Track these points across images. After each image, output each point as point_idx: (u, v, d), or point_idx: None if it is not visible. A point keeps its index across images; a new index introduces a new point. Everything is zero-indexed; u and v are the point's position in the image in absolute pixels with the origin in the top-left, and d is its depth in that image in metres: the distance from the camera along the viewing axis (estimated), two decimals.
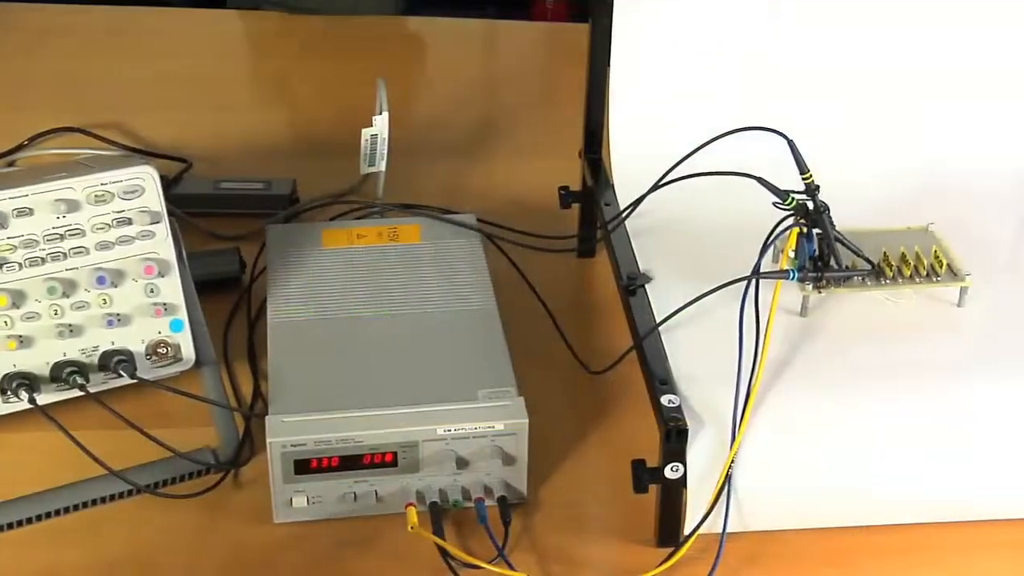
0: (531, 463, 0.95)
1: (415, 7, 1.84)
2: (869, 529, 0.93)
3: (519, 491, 0.95)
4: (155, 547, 0.93)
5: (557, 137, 1.32)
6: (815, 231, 0.96)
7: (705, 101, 1.13)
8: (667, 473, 0.89)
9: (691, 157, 1.04)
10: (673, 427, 0.87)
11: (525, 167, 1.36)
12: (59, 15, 1.62)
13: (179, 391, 0.96)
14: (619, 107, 1.12)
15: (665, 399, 0.90)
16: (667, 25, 1.12)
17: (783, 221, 0.96)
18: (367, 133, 1.20)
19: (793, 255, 0.96)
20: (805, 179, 0.96)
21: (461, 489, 0.94)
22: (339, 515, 0.94)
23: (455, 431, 0.93)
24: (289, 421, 0.92)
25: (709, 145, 1.02)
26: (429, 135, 1.42)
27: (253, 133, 1.41)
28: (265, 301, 1.08)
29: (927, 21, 1.13)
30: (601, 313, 1.15)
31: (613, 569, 0.93)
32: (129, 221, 0.95)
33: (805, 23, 1.13)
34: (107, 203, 0.95)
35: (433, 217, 1.15)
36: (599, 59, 1.12)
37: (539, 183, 1.29)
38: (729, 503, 0.89)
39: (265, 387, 1.04)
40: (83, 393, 0.94)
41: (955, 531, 0.94)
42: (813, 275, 0.97)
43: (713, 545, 0.90)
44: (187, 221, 1.20)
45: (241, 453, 1.00)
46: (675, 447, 0.88)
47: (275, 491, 0.93)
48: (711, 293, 0.95)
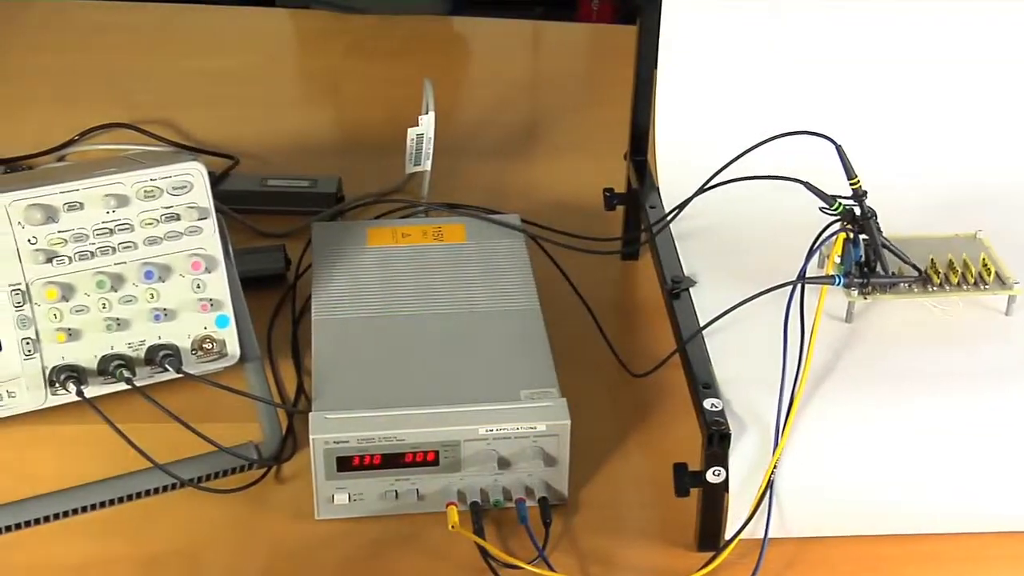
0: (572, 464, 0.95)
1: (462, 8, 1.85)
2: (912, 538, 0.93)
3: (560, 492, 0.95)
4: (197, 541, 0.94)
5: (601, 139, 1.32)
6: (862, 237, 0.96)
7: (752, 104, 1.12)
8: (709, 477, 0.88)
9: (737, 161, 1.03)
10: (716, 431, 0.87)
11: (569, 168, 1.36)
12: (112, 12, 1.63)
13: (224, 386, 0.96)
14: (666, 110, 1.12)
15: (708, 403, 0.89)
16: (715, 28, 1.11)
17: (830, 226, 0.95)
18: (413, 132, 1.20)
19: (839, 261, 0.96)
20: (853, 184, 0.95)
21: (502, 489, 0.95)
22: (380, 513, 0.95)
23: (497, 431, 0.93)
24: (332, 418, 0.93)
25: (755, 149, 1.02)
26: (474, 135, 1.43)
27: (300, 131, 1.42)
28: (309, 298, 1.08)
29: (978, 29, 1.12)
30: (644, 316, 1.15)
31: (653, 572, 0.93)
32: (177, 217, 0.96)
33: (855, 28, 1.12)
34: (156, 199, 0.95)
35: (478, 217, 1.15)
36: (646, 61, 1.12)
37: (583, 184, 1.29)
38: (771, 508, 0.88)
39: (308, 384, 1.05)
40: (129, 387, 0.95)
41: (1000, 542, 0.93)
42: (859, 281, 0.96)
43: (754, 550, 0.89)
44: (233, 218, 1.22)
45: (284, 449, 1.00)
46: (717, 451, 0.88)
47: (317, 488, 0.93)
48: (756, 297, 0.94)
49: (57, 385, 0.95)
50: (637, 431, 1.04)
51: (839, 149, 0.96)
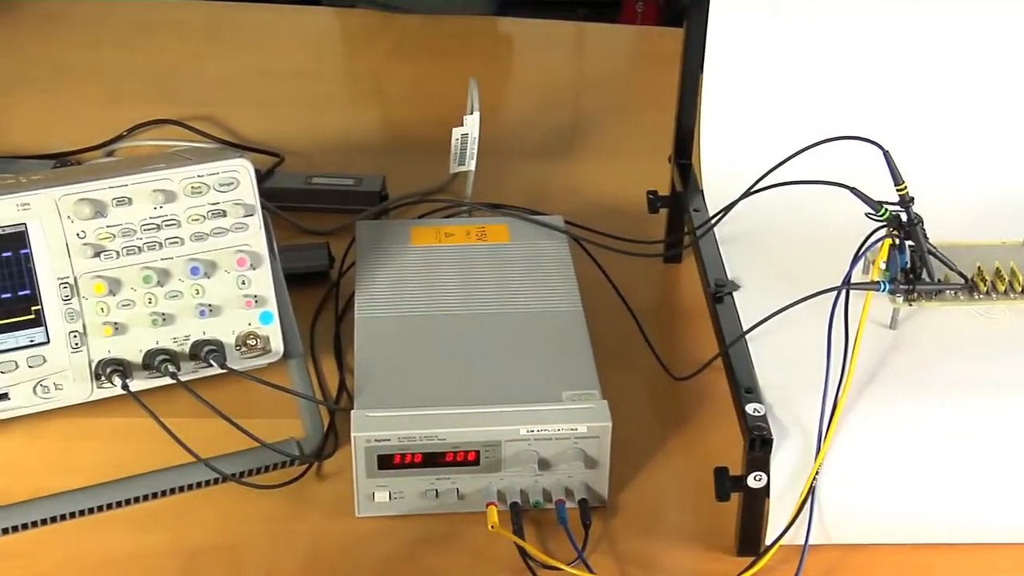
0: (612, 466, 0.95)
1: (507, 8, 1.85)
2: (953, 547, 0.92)
3: (600, 494, 0.95)
4: (238, 536, 0.95)
5: (644, 141, 1.32)
6: (908, 243, 0.95)
7: (797, 109, 1.12)
8: (750, 482, 0.88)
9: (782, 165, 1.03)
10: (758, 436, 0.87)
11: (612, 170, 1.36)
12: (160, 10, 1.65)
13: (267, 382, 0.97)
14: (711, 113, 1.12)
15: (750, 408, 0.89)
16: (761, 32, 1.11)
17: (875, 232, 0.95)
18: (458, 132, 1.20)
19: (884, 267, 0.95)
20: (900, 190, 0.95)
21: (542, 490, 0.95)
22: (420, 511, 0.95)
23: (538, 432, 0.93)
24: (374, 416, 0.93)
25: (801, 154, 1.01)
26: (518, 135, 1.43)
27: (345, 129, 1.43)
28: (352, 296, 1.09)
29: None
30: (686, 319, 1.15)
31: None
32: (223, 213, 0.97)
33: (901, 34, 1.11)
34: (203, 195, 0.96)
35: (521, 218, 1.15)
36: (692, 64, 1.12)
37: (625, 186, 1.29)
38: (812, 515, 0.88)
39: (350, 381, 1.05)
40: (174, 381, 0.96)
41: None
42: (904, 288, 0.96)
43: (794, 556, 0.89)
44: (278, 215, 1.22)
45: (325, 446, 1.01)
46: (759, 456, 0.87)
47: (358, 485, 0.94)
48: (800, 302, 0.94)
49: (103, 378, 0.95)
50: (678, 434, 1.03)
51: (886, 155, 0.95)
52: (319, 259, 1.18)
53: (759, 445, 0.87)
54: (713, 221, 1.08)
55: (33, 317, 0.94)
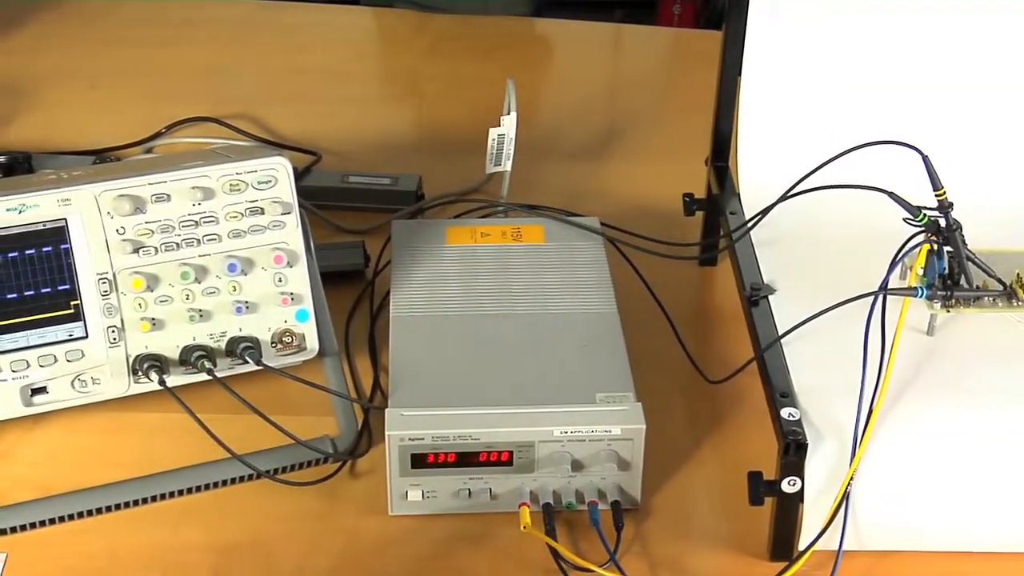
0: (645, 469, 0.95)
1: (543, 9, 1.85)
2: (988, 555, 0.92)
3: (632, 496, 0.95)
4: (271, 532, 0.95)
5: (680, 143, 1.32)
6: (946, 249, 0.95)
7: (836, 113, 1.12)
8: (784, 487, 0.88)
9: (820, 169, 1.02)
10: (792, 441, 0.87)
11: (648, 172, 1.36)
12: (200, 8, 1.66)
13: (302, 380, 0.97)
14: (749, 116, 1.12)
15: (785, 412, 0.89)
16: (800, 36, 1.11)
17: (913, 237, 0.94)
18: (494, 133, 1.20)
19: (922, 273, 0.95)
20: (939, 196, 0.94)
21: (575, 491, 0.95)
22: (453, 511, 0.95)
23: (571, 433, 0.93)
24: (408, 415, 0.93)
25: (839, 158, 1.01)
26: (554, 136, 1.43)
27: (382, 129, 1.43)
28: (387, 295, 1.09)
29: None
30: (721, 322, 1.15)
31: None
32: (261, 211, 0.97)
33: (940, 37, 1.11)
34: (241, 192, 0.97)
35: (557, 219, 1.15)
36: (730, 67, 1.12)
37: (661, 188, 1.28)
38: (846, 520, 0.88)
39: (384, 380, 1.06)
40: (210, 377, 0.96)
41: None
42: (942, 294, 0.95)
43: (827, 562, 0.89)
44: (315, 213, 1.23)
45: (359, 444, 1.01)
46: (793, 461, 0.87)
47: (391, 483, 0.94)
48: (837, 307, 0.93)
49: (140, 373, 0.96)
50: (711, 437, 1.03)
51: (926, 160, 0.95)
52: (355, 258, 1.19)
53: (794, 450, 0.87)
54: (750, 224, 1.07)
55: (72, 312, 0.95)
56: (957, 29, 1.10)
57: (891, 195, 0.94)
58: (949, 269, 0.95)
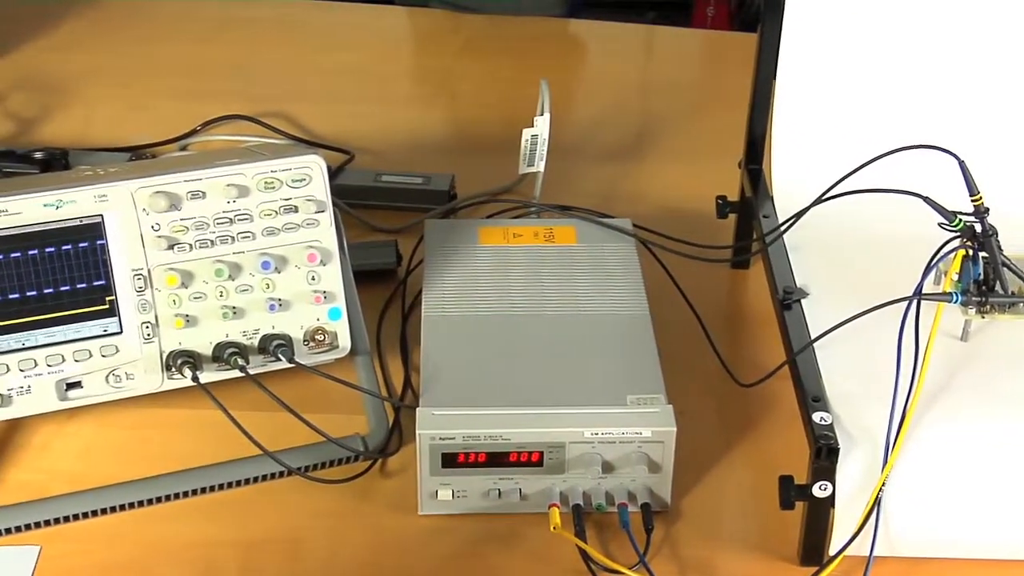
0: (675, 471, 0.94)
1: (576, 10, 1.85)
2: (1021, 564, 0.91)
3: (662, 499, 0.95)
4: (301, 529, 0.95)
5: (713, 145, 1.32)
6: (981, 255, 0.94)
7: (871, 116, 1.11)
8: (815, 491, 0.87)
9: (854, 173, 1.02)
10: (824, 445, 0.86)
11: (681, 174, 1.36)
12: (237, 8, 1.67)
13: (334, 378, 0.98)
14: (783, 119, 1.11)
15: (817, 416, 0.89)
16: (836, 39, 1.10)
17: (948, 243, 0.94)
18: (528, 133, 1.20)
19: (957, 278, 0.94)
20: (975, 201, 0.93)
21: (604, 493, 0.95)
22: (482, 510, 0.95)
23: (602, 435, 0.93)
24: (439, 414, 0.94)
25: (874, 162, 1.00)
26: (586, 138, 1.43)
27: (415, 128, 1.44)
28: (419, 294, 1.09)
29: None
30: (752, 325, 1.14)
31: None
32: (295, 209, 0.98)
33: (979, 41, 1.10)
34: (275, 190, 0.97)
35: (589, 220, 1.15)
36: (765, 69, 1.11)
37: (693, 191, 1.28)
38: (878, 526, 0.87)
39: (415, 379, 1.06)
40: (243, 374, 0.97)
41: None
42: (977, 299, 0.95)
43: (857, 568, 0.88)
44: (347, 212, 1.23)
45: (389, 443, 1.01)
46: (825, 465, 0.87)
47: (421, 483, 0.94)
48: (870, 312, 0.93)
49: (173, 369, 0.97)
50: (742, 441, 1.03)
51: (962, 165, 0.94)
52: (387, 256, 1.19)
53: (825, 454, 0.86)
54: (783, 228, 1.07)
55: (107, 307, 0.95)
56: (993, 33, 1.10)
57: (926, 200, 0.94)
58: (984, 275, 0.94)
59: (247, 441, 0.93)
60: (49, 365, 0.95)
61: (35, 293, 0.94)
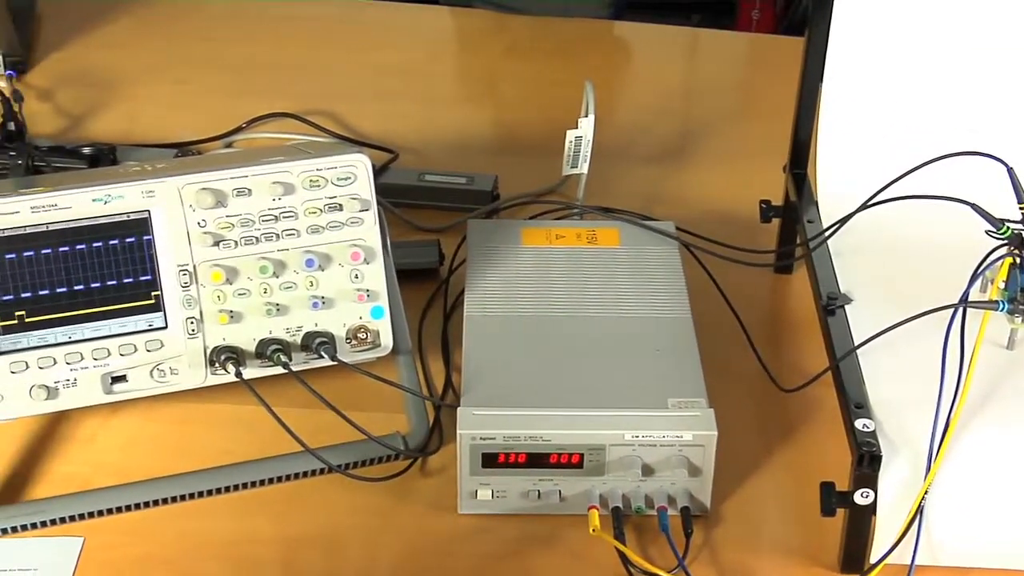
0: (716, 476, 0.94)
1: (621, 12, 1.85)
2: None
3: (702, 503, 0.95)
4: (340, 527, 0.96)
5: (756, 149, 1.31)
6: None
7: (918, 122, 1.10)
8: (857, 498, 0.87)
9: (901, 179, 1.01)
10: (867, 452, 0.86)
11: (724, 177, 1.35)
12: (283, 7, 1.67)
13: (376, 376, 0.98)
14: (829, 124, 1.11)
15: (860, 423, 0.88)
16: (884, 45, 1.10)
17: (995, 250, 0.93)
18: (572, 135, 1.20)
19: (1003, 286, 0.93)
20: (1023, 208, 0.93)
21: (644, 496, 0.95)
22: (521, 511, 0.95)
23: (643, 438, 0.93)
24: (480, 414, 0.94)
25: (921, 168, 1.00)
26: (630, 140, 1.43)
27: (458, 128, 1.44)
28: (461, 294, 1.10)
29: None
30: (795, 331, 1.14)
31: None
32: (340, 207, 0.98)
33: None
34: (321, 188, 0.98)
35: (632, 223, 1.15)
36: (812, 73, 1.11)
37: (736, 194, 1.28)
38: (920, 534, 0.87)
39: (456, 378, 1.06)
40: (285, 371, 0.97)
41: None
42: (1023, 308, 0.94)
43: None
44: (391, 211, 1.23)
45: (430, 442, 1.01)
46: (867, 473, 0.86)
47: (461, 482, 0.95)
48: (915, 319, 0.92)
49: (217, 365, 0.97)
50: (783, 446, 1.02)
51: (1011, 171, 0.93)
52: (429, 256, 1.19)
53: (868, 461, 0.86)
54: (828, 233, 1.06)
55: (153, 302, 0.96)
56: None
57: (974, 207, 0.93)
58: None
59: (288, 437, 0.94)
60: (95, 359, 0.95)
61: (82, 287, 0.95)
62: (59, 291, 0.94)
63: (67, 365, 0.95)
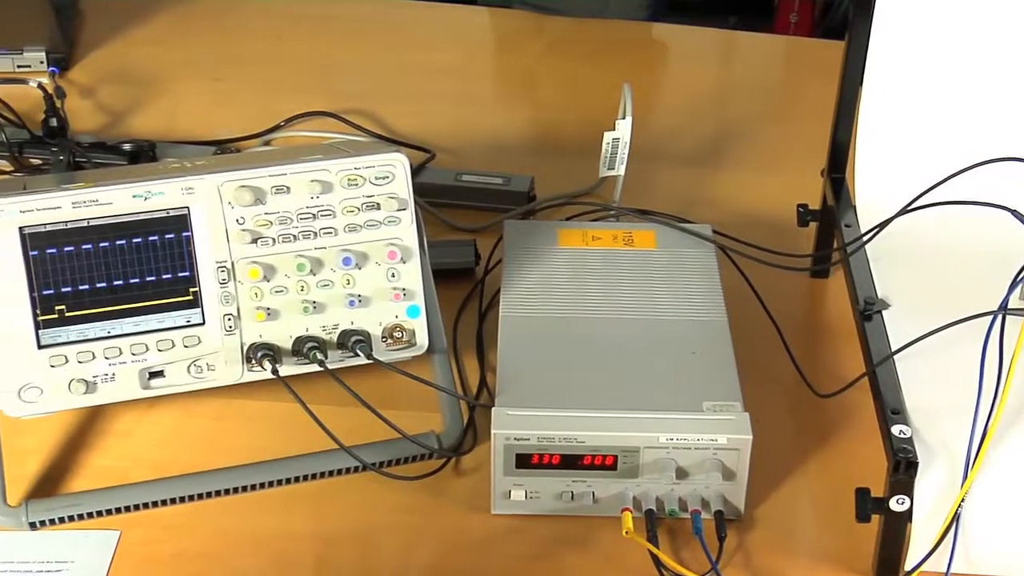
0: (750, 480, 0.94)
1: (659, 14, 1.84)
2: None
3: (736, 507, 0.95)
4: (375, 525, 0.96)
5: (793, 153, 1.31)
6: None
7: (958, 127, 1.10)
8: (892, 505, 0.87)
9: (940, 184, 1.01)
10: (903, 459, 0.85)
11: (761, 181, 1.35)
12: (322, 6, 1.68)
13: (411, 375, 0.98)
14: (869, 128, 1.10)
15: (896, 429, 0.88)
16: (925, 49, 1.09)
17: None
18: (609, 136, 1.20)
19: None
20: None
21: (678, 499, 0.94)
22: (555, 512, 0.96)
23: (677, 440, 0.93)
24: (514, 414, 0.94)
25: (961, 173, 0.99)
26: (667, 142, 1.42)
27: (495, 128, 1.44)
28: (497, 294, 1.10)
29: None
30: (831, 335, 1.13)
31: None
32: (377, 206, 0.98)
33: None
34: (358, 187, 0.98)
35: (669, 225, 1.15)
36: (852, 77, 1.10)
37: (773, 198, 1.27)
38: (956, 542, 0.86)
39: (491, 379, 1.06)
40: (321, 368, 0.98)
41: None
42: None
43: None
44: (427, 210, 1.24)
45: (464, 442, 1.02)
46: (903, 479, 0.86)
47: (495, 482, 0.95)
48: (954, 325, 0.92)
49: (254, 362, 0.98)
50: (818, 451, 1.02)
51: None
52: (466, 256, 1.20)
53: (904, 468, 0.85)
54: (866, 238, 1.06)
55: (191, 298, 0.97)
56: None
57: (1014, 213, 0.92)
58: None
59: (323, 435, 0.94)
60: (133, 354, 0.96)
61: (121, 283, 0.95)
62: (99, 286, 0.95)
63: (106, 360, 0.96)
